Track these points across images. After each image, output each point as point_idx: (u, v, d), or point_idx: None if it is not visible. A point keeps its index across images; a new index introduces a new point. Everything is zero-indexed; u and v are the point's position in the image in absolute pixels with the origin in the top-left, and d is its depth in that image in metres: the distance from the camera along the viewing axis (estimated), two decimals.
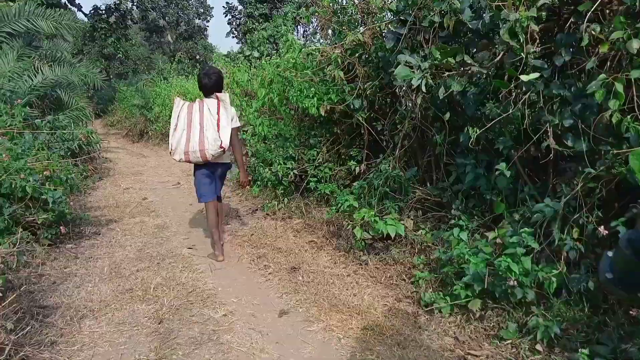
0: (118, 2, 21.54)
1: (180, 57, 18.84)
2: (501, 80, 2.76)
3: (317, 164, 4.78)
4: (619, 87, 2.15)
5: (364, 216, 3.49)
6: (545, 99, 2.62)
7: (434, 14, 3.05)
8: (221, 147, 3.55)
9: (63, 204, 4.04)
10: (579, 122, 2.47)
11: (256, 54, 11.40)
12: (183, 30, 29.80)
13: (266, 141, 5.52)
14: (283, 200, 5.07)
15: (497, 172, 2.85)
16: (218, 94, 3.69)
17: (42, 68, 8.26)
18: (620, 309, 2.31)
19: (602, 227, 2.30)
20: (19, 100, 5.77)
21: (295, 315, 2.93)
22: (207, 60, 23.52)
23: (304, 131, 5.19)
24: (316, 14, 4.66)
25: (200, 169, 3.81)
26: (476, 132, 2.85)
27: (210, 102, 3.66)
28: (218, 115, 3.60)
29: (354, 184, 4.18)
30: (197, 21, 31.38)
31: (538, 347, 2.35)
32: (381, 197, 3.79)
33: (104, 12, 21.45)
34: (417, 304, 2.95)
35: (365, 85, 4.06)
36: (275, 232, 4.47)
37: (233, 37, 23.21)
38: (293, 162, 4.98)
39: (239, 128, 4.05)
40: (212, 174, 3.84)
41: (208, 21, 36.01)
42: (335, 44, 4.30)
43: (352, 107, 4.20)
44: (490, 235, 2.82)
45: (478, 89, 3.11)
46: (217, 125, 3.58)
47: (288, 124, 5.31)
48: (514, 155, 2.90)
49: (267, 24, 14.16)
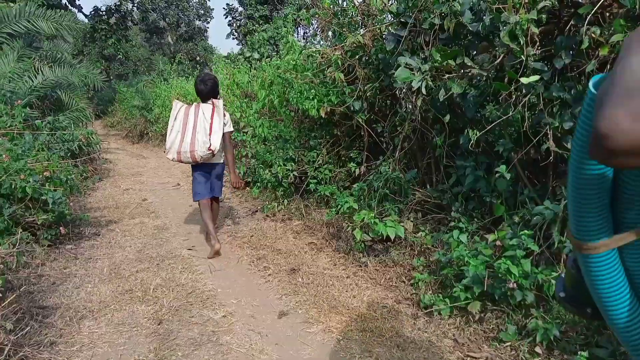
0: (118, 3, 21.57)
1: (180, 58, 18.84)
2: (501, 82, 2.76)
3: (317, 166, 4.78)
4: None
5: (363, 218, 3.49)
6: (545, 101, 2.62)
7: (434, 16, 3.06)
8: (209, 149, 3.78)
9: (63, 205, 4.05)
10: None
11: (256, 56, 11.40)
12: (183, 32, 29.83)
13: (266, 143, 5.52)
14: (283, 201, 5.07)
15: (497, 175, 2.86)
16: (214, 100, 3.93)
17: (42, 69, 8.25)
18: None
19: None
20: (19, 101, 5.76)
21: (295, 316, 2.93)
22: (207, 61, 23.53)
23: (304, 133, 5.20)
24: (316, 15, 4.67)
25: (197, 170, 4.04)
26: (476, 135, 2.85)
27: (206, 107, 3.89)
28: (211, 120, 3.83)
29: (354, 185, 4.19)
30: (197, 22, 31.41)
31: (537, 349, 2.35)
32: (381, 199, 3.79)
33: (104, 13, 21.47)
34: (416, 305, 2.95)
35: (366, 87, 4.06)
36: (275, 233, 4.47)
37: (233, 38, 23.27)
38: (293, 164, 4.98)
39: (231, 132, 4.23)
40: (208, 174, 4.06)
41: (208, 23, 36.14)
42: (336, 45, 4.31)
43: (352, 109, 4.20)
44: (490, 237, 2.82)
45: (478, 92, 3.11)
46: (210, 129, 3.80)
47: (288, 126, 5.32)
48: (513, 157, 2.90)
49: (267, 26, 14.19)
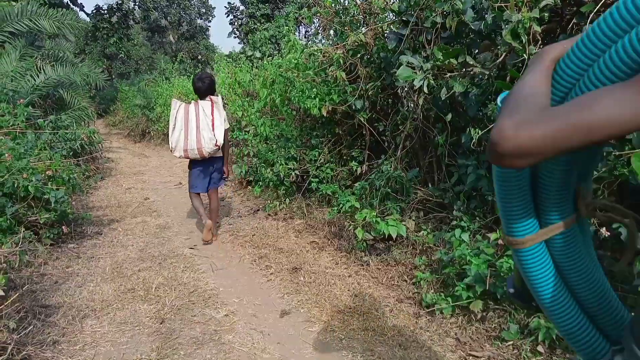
0: (120, 2, 21.59)
1: (182, 57, 18.83)
2: (503, 81, 2.75)
3: (319, 165, 4.78)
4: None
5: (365, 217, 3.49)
6: None
7: (436, 15, 3.05)
8: (216, 145, 4.00)
9: (65, 204, 4.06)
10: None
11: (258, 55, 11.40)
12: (185, 30, 29.84)
13: (268, 141, 5.53)
14: (285, 200, 5.07)
15: None
16: (212, 97, 4.08)
17: (44, 68, 8.27)
18: None
19: (604, 228, 2.30)
20: (21, 100, 5.78)
21: (297, 315, 2.94)
22: (209, 60, 23.53)
23: (305, 132, 5.20)
24: (318, 14, 4.66)
25: (196, 165, 4.26)
26: (478, 133, 2.84)
27: (205, 104, 4.05)
28: (212, 116, 4.01)
29: (356, 184, 4.19)
30: (199, 21, 31.42)
31: (539, 348, 2.35)
32: (383, 197, 3.79)
33: (106, 12, 21.51)
34: (418, 304, 2.95)
35: (367, 86, 4.06)
36: (276, 232, 4.48)
37: (235, 37, 23.19)
38: (295, 163, 4.98)
39: (228, 129, 4.40)
40: (206, 169, 4.27)
41: (210, 21, 36.18)
42: (337, 44, 4.30)
43: (353, 107, 4.20)
44: (492, 236, 2.81)
45: (480, 90, 3.10)
46: (212, 125, 3.98)
47: (290, 125, 5.32)
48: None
49: (269, 24, 14.17)
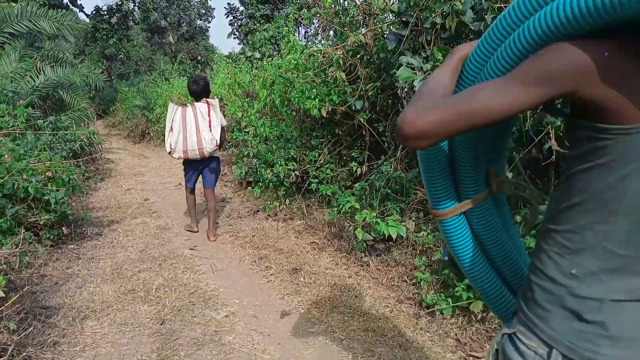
0: (120, 2, 21.58)
1: (181, 58, 18.83)
2: None
3: (319, 165, 4.78)
4: None
5: (365, 217, 3.49)
6: None
7: (436, 16, 3.05)
8: (217, 145, 4.16)
9: (65, 205, 4.05)
10: None
11: (258, 55, 11.39)
12: (184, 31, 29.84)
13: (268, 142, 5.53)
14: (284, 201, 5.07)
15: None
16: (208, 99, 4.21)
17: (44, 69, 8.26)
18: None
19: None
20: (21, 101, 5.77)
21: (297, 316, 2.94)
22: (208, 61, 23.53)
23: (305, 132, 5.20)
24: (318, 15, 4.67)
25: (191, 163, 4.36)
26: None
27: (202, 106, 4.17)
28: (209, 118, 4.15)
29: (356, 185, 4.19)
30: (198, 22, 31.41)
31: None
32: (383, 198, 3.79)
33: (105, 12, 21.49)
34: (418, 305, 2.95)
35: (367, 87, 4.06)
36: (276, 233, 4.48)
37: (234, 38, 23.23)
38: (294, 164, 4.98)
39: (225, 125, 4.55)
40: (200, 166, 4.40)
41: (209, 22, 36.16)
42: (337, 45, 4.31)
43: (353, 108, 4.20)
44: None
45: None
46: (209, 126, 4.13)
47: (289, 125, 5.32)
48: (515, 156, 2.90)
49: (268, 25, 14.16)
